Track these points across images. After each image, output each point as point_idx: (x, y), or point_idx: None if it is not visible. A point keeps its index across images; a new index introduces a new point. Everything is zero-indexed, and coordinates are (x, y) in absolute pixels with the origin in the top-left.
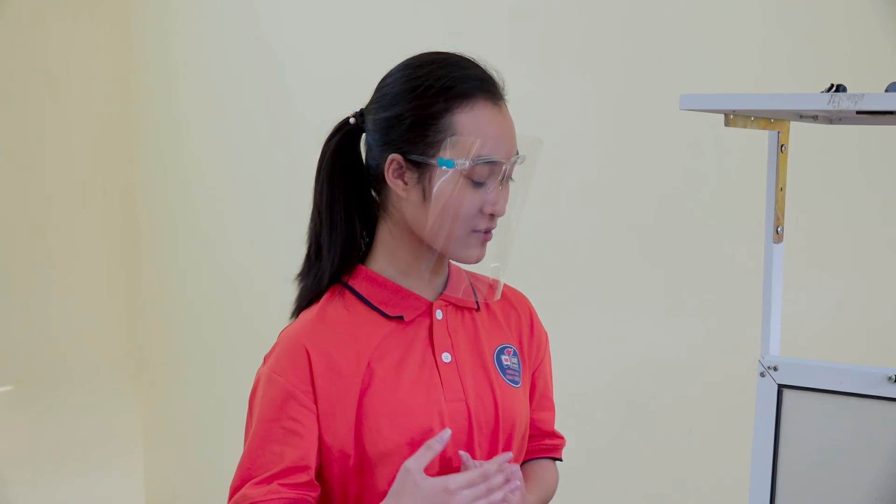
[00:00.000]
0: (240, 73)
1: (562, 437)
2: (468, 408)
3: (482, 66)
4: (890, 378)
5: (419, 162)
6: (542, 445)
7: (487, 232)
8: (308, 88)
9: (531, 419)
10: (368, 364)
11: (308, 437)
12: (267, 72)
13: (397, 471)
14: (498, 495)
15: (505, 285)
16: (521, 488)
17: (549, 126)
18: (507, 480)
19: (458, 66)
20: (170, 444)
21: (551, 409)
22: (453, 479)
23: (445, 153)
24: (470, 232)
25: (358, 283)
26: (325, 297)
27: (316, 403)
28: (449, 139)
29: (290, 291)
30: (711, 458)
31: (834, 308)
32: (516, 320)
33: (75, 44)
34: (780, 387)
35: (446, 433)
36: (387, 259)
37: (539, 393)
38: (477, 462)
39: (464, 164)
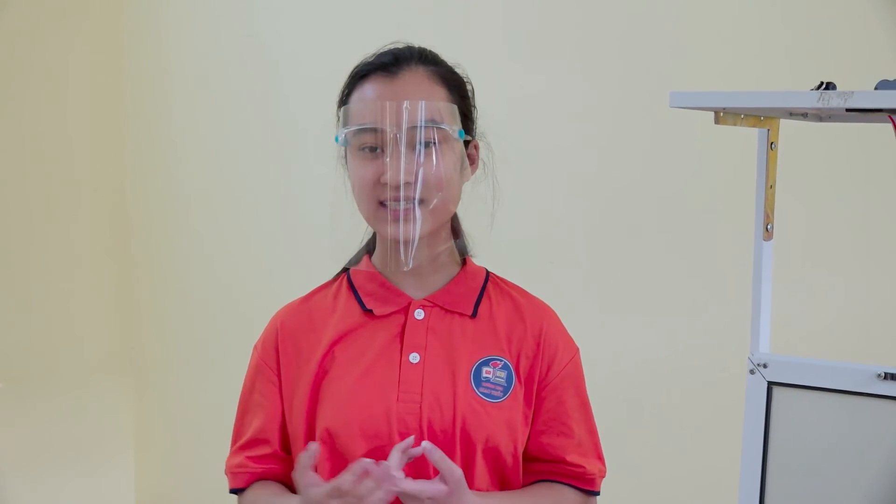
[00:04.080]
0: (232, 71)
1: (583, 466)
2: (421, 411)
3: (394, 46)
4: (879, 375)
5: (344, 148)
6: (553, 470)
7: (402, 202)
8: (300, 87)
9: (537, 443)
10: (331, 350)
11: (270, 410)
12: (259, 70)
13: (335, 454)
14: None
15: (526, 295)
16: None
17: (545, 125)
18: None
19: (372, 54)
20: (161, 443)
21: (567, 434)
22: (316, 489)
23: (339, 130)
24: (377, 205)
25: (356, 274)
26: (327, 282)
27: (279, 379)
28: (339, 115)
29: (282, 289)
30: (703, 455)
31: (828, 306)
32: (520, 335)
33: (65, 41)
34: (770, 384)
35: (312, 446)
36: (376, 252)
37: (549, 415)
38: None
39: (343, 133)
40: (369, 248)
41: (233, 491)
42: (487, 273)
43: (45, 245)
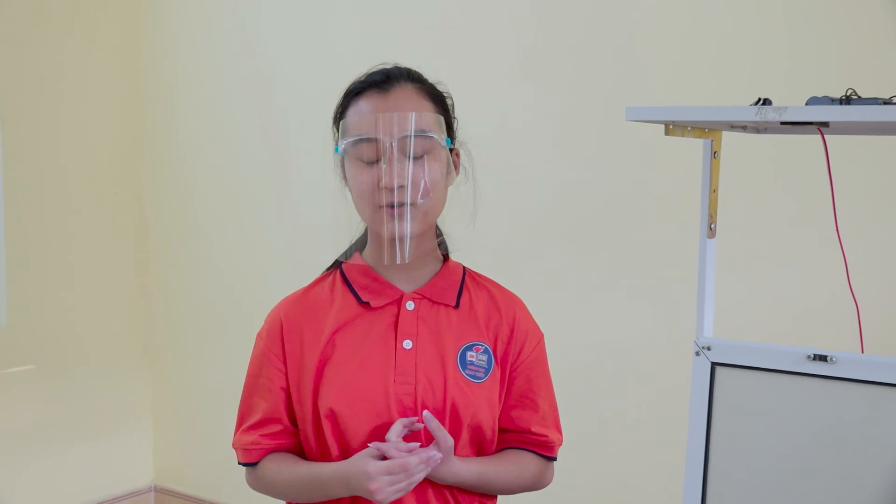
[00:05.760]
0: (236, 89)
1: (545, 435)
2: (416, 392)
3: (384, 66)
4: (809, 357)
5: (342, 158)
6: (520, 438)
7: (400, 206)
8: (294, 103)
9: (508, 416)
10: (332, 338)
11: (277, 393)
12: (259, 87)
13: (342, 431)
14: (417, 479)
15: (499, 288)
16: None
17: (525, 140)
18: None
19: (368, 72)
20: (176, 417)
21: (534, 408)
22: (374, 465)
23: (338, 141)
24: (376, 208)
25: (349, 269)
26: (321, 276)
27: (285, 366)
28: (339, 127)
29: (278, 284)
30: (653, 428)
31: (764, 296)
32: (497, 322)
33: (88, 68)
34: (713, 364)
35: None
36: (369, 249)
37: (519, 392)
38: (401, 447)
39: (343, 144)
40: (359, 246)
41: (245, 464)
42: (464, 268)
43: (74, 242)
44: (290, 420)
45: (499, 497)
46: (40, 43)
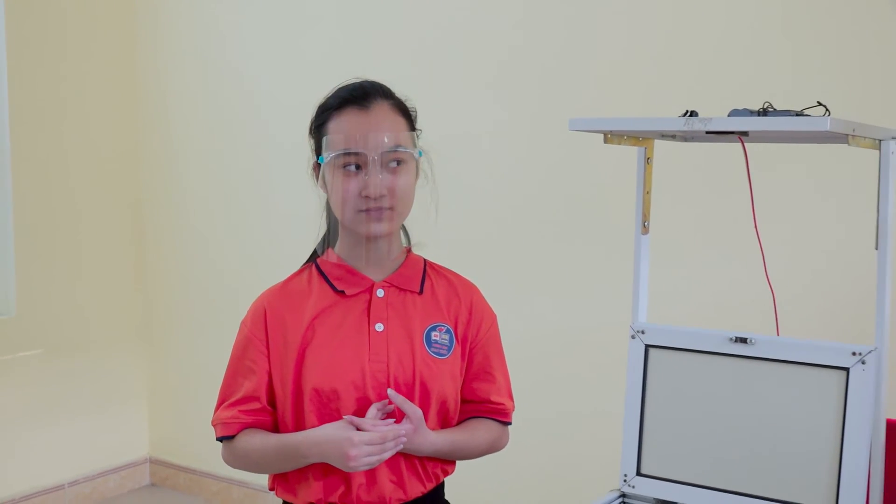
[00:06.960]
0: (221, 100)
1: (502, 403)
2: (388, 369)
3: (360, 83)
4: (731, 339)
5: (318, 163)
6: (480, 408)
7: (378, 210)
8: (273, 113)
9: (469, 388)
10: (312, 324)
11: (260, 375)
12: (243, 96)
13: (323, 407)
14: (386, 455)
15: (456, 276)
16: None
17: (486, 151)
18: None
19: (342, 87)
20: (169, 395)
21: (491, 381)
22: (357, 435)
23: (322, 151)
24: (356, 212)
25: (324, 262)
26: (299, 270)
27: (268, 349)
28: (324, 140)
29: (263, 273)
30: (595, 401)
31: (692, 286)
32: (456, 305)
33: (89, 76)
34: (647, 346)
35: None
36: (341, 245)
37: (478, 366)
38: (381, 423)
39: (328, 155)
40: (331, 242)
41: (222, 438)
42: (424, 259)
43: (79, 238)
44: (268, 400)
45: (457, 463)
46: (43, 58)
